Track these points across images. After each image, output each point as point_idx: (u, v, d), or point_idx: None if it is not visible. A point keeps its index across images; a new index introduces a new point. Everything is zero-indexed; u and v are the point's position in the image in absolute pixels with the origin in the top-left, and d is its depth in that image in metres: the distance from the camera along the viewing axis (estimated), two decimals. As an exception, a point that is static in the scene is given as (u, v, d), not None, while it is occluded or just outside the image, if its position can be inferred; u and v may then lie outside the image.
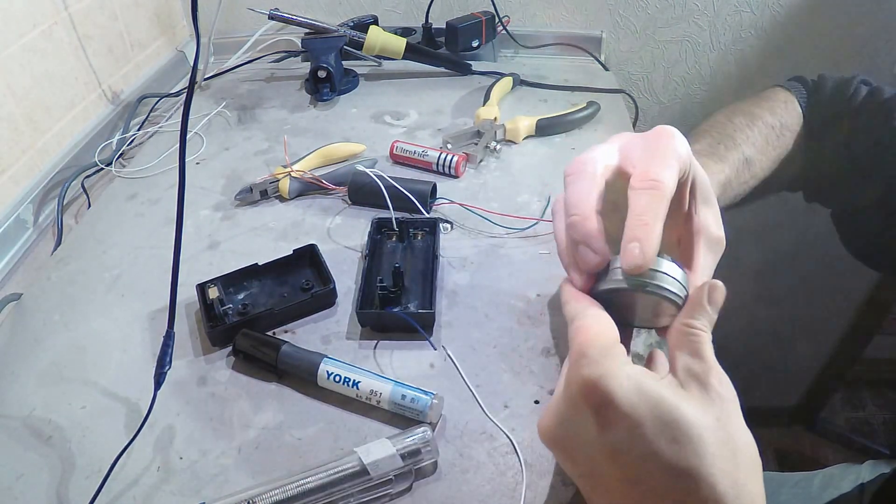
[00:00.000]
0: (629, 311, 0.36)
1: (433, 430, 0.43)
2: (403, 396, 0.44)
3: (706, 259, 0.38)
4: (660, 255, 0.33)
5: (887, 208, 0.53)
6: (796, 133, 0.57)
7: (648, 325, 0.38)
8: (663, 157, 0.35)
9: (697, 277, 0.37)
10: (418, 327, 0.50)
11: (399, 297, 0.53)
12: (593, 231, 0.34)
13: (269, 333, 0.52)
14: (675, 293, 0.33)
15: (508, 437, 0.43)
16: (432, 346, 0.50)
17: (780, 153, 0.56)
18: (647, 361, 0.40)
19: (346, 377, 0.46)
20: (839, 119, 0.56)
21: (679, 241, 0.40)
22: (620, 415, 0.29)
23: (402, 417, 0.45)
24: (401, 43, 0.89)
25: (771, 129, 0.55)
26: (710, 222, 0.39)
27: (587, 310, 0.34)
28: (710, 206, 0.39)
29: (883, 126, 0.53)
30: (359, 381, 0.45)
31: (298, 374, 0.48)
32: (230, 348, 0.50)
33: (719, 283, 0.34)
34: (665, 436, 0.29)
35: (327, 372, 0.46)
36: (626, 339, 0.35)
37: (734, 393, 0.32)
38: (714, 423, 0.30)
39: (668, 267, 0.34)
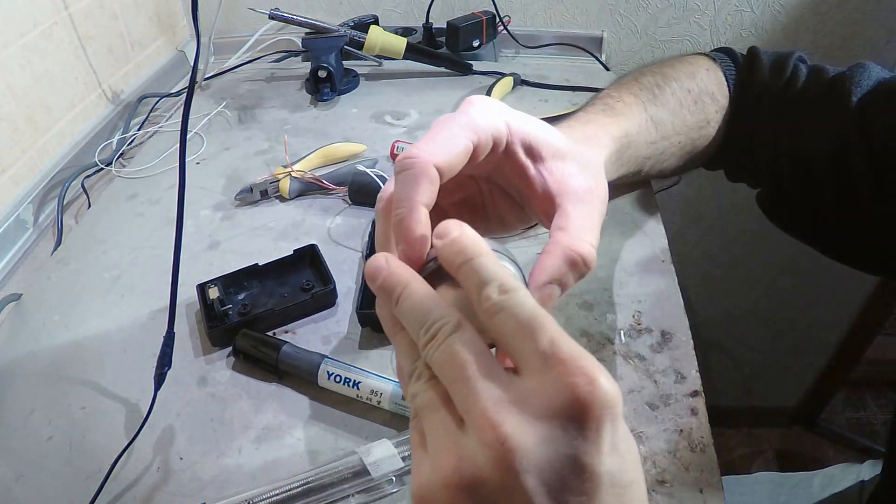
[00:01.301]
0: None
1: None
2: (404, 397, 0.44)
3: (578, 210, 0.34)
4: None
5: (839, 185, 0.50)
6: (719, 105, 0.54)
7: None
8: (433, 133, 0.31)
9: (572, 230, 0.33)
10: None
11: None
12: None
13: (270, 333, 0.52)
14: None
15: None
16: None
17: (699, 120, 0.53)
18: None
19: (346, 377, 0.46)
20: (782, 96, 0.54)
21: (541, 203, 0.36)
22: (623, 431, 0.24)
23: (403, 418, 0.45)
24: (401, 43, 0.88)
25: (687, 92, 0.52)
26: (569, 174, 0.35)
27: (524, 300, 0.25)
28: (563, 159, 0.35)
29: (839, 103, 0.51)
30: (359, 382, 0.45)
31: (299, 375, 0.47)
32: (230, 348, 0.50)
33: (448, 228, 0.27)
34: None
35: (328, 372, 0.46)
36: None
37: None
38: None
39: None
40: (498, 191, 0.38)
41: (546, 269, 0.32)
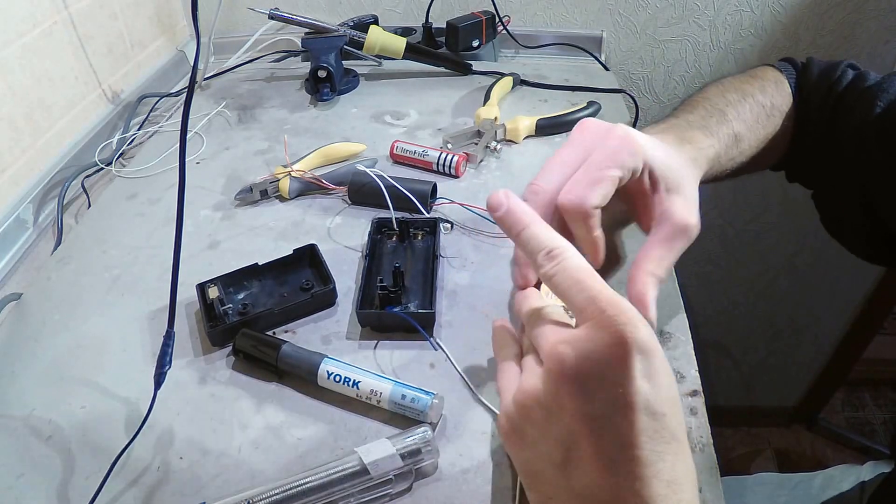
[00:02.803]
0: None
1: (433, 430, 0.43)
2: (403, 396, 0.44)
3: (663, 246, 0.40)
4: None
5: (866, 196, 0.53)
6: (785, 114, 0.57)
7: None
8: (593, 175, 0.38)
9: (646, 266, 0.40)
10: (419, 327, 0.50)
11: (399, 297, 0.53)
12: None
13: (270, 333, 0.52)
14: None
15: (509, 437, 0.43)
16: (433, 346, 0.50)
17: (769, 132, 0.56)
18: None
19: (346, 377, 0.46)
20: (825, 103, 0.56)
21: (646, 222, 0.42)
22: (663, 366, 0.29)
23: (402, 417, 0.45)
24: (401, 43, 0.88)
25: (762, 107, 0.55)
26: (674, 209, 0.41)
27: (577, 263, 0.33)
28: (677, 192, 0.41)
29: (865, 112, 0.53)
30: (359, 381, 0.45)
31: (298, 374, 0.48)
32: (230, 348, 0.50)
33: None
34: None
35: (327, 372, 0.46)
36: None
37: None
38: None
39: None
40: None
41: (644, 296, 0.40)
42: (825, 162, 0.57)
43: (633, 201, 0.43)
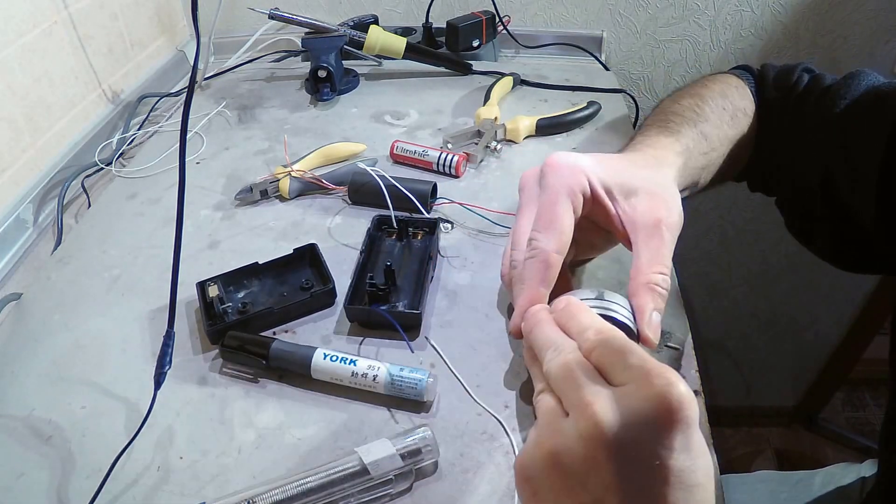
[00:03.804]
0: None
1: (431, 424, 0.43)
2: (402, 369, 0.45)
3: (646, 251, 0.41)
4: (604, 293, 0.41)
5: (827, 194, 0.53)
6: (751, 118, 0.57)
7: None
8: (544, 215, 0.41)
9: (643, 267, 0.41)
10: (398, 327, 0.50)
11: (388, 296, 0.53)
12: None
13: (271, 332, 0.52)
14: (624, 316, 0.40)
15: (509, 436, 0.43)
16: (410, 348, 0.50)
17: (737, 134, 0.56)
18: None
19: (342, 357, 0.46)
20: (784, 105, 0.56)
21: (622, 235, 0.44)
22: (699, 434, 0.28)
23: (400, 404, 0.45)
24: (401, 43, 0.88)
25: (723, 110, 0.55)
26: (638, 210, 0.42)
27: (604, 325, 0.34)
28: (637, 193, 0.43)
29: (826, 112, 0.52)
30: (355, 360, 0.46)
31: (291, 369, 0.48)
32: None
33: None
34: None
35: (324, 354, 0.46)
36: None
37: None
38: None
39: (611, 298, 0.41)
40: (584, 222, 0.44)
41: (643, 308, 0.41)
42: (786, 165, 0.56)
43: (607, 224, 0.44)
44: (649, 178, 0.44)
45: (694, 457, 0.27)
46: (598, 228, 0.46)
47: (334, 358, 0.46)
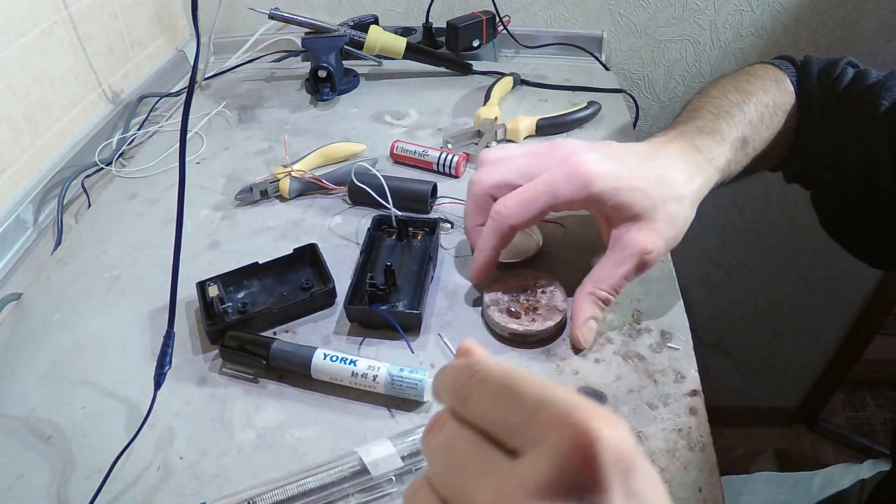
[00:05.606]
0: None
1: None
2: (402, 370, 0.45)
3: (608, 269, 0.45)
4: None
5: (868, 188, 0.53)
6: (788, 113, 0.57)
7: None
8: (526, 196, 0.45)
9: (596, 279, 0.45)
10: (398, 327, 0.50)
11: (388, 296, 0.53)
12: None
13: (271, 332, 0.52)
14: None
15: (509, 437, 0.43)
16: (410, 348, 0.50)
17: (772, 133, 0.56)
18: None
19: (342, 357, 0.46)
20: (827, 101, 0.56)
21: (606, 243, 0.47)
22: (649, 474, 0.20)
23: (400, 404, 0.45)
24: (401, 42, 0.88)
25: (765, 107, 0.55)
26: (628, 235, 0.45)
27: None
28: (637, 219, 0.45)
29: (870, 110, 0.53)
30: (355, 360, 0.46)
31: (291, 369, 0.48)
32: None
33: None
34: None
35: (324, 354, 0.46)
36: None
37: None
38: None
39: None
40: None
41: (579, 313, 0.45)
42: (827, 161, 0.56)
43: (600, 224, 0.48)
44: (660, 200, 0.45)
45: (643, 501, 0.20)
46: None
47: (334, 358, 0.46)
